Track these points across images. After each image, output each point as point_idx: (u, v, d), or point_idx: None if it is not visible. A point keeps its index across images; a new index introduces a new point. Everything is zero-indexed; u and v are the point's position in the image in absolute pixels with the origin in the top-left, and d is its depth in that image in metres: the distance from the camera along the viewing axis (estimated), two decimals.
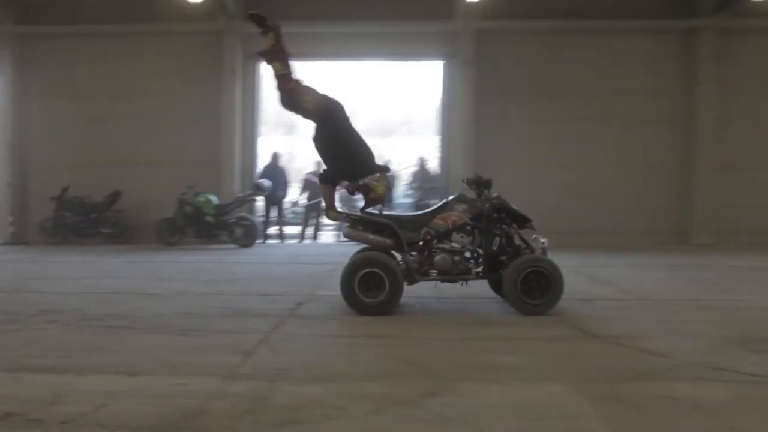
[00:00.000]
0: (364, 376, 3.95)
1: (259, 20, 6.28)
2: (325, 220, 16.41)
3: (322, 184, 6.81)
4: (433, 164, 15.58)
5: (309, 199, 15.68)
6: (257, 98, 15.49)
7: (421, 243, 6.37)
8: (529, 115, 14.43)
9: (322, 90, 6.36)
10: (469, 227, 6.39)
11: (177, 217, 13.43)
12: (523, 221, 6.51)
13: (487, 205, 6.42)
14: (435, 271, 6.39)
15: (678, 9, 14.48)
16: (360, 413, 3.21)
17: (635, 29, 14.49)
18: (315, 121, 6.42)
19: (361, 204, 6.60)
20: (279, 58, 6.28)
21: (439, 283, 6.50)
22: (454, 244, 6.38)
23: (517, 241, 6.47)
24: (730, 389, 3.68)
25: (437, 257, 6.32)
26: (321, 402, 3.38)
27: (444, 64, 15.29)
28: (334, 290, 7.21)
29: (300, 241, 15.44)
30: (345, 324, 5.72)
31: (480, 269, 6.45)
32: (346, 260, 10.32)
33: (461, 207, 6.46)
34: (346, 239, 6.82)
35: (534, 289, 6.02)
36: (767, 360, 4.46)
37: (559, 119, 14.39)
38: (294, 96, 6.31)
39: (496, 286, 6.69)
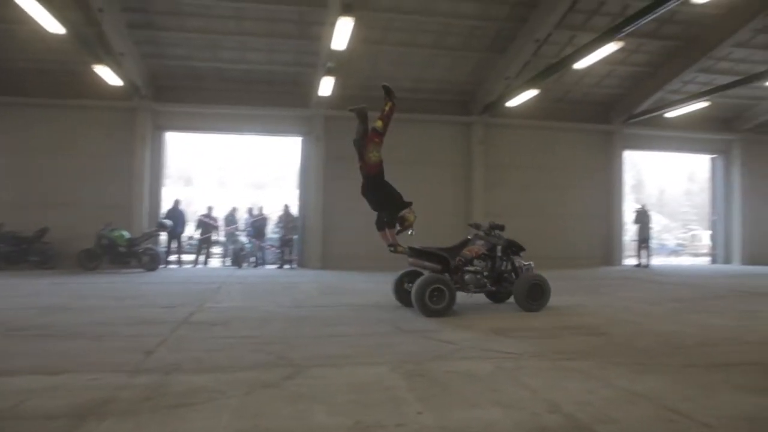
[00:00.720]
0: (240, 366, 3.88)
1: (388, 92, 6.66)
2: (214, 249, 17.14)
3: (381, 231, 6.91)
4: (294, 209, 15.85)
5: (201, 234, 16.02)
6: (162, 158, 15.54)
7: (454, 267, 6.86)
8: None
9: (380, 154, 6.63)
10: (484, 255, 7.08)
11: (95, 248, 13.10)
12: (518, 250, 7.24)
13: (501, 241, 7.13)
14: (471, 285, 6.90)
15: (460, 109, 16.21)
16: (236, 395, 3.19)
17: (435, 120, 15.93)
18: (365, 171, 6.67)
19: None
20: (384, 120, 6.58)
21: (473, 294, 7.05)
22: (476, 268, 7.00)
23: (517, 264, 7.19)
24: (494, 363, 4.00)
25: (466, 276, 6.90)
26: (206, 388, 3.32)
27: (302, 139, 15.88)
28: (220, 303, 7.53)
29: (194, 266, 15.45)
30: (227, 328, 5.55)
31: (489, 283, 7.08)
32: (229, 281, 10.81)
33: (480, 242, 7.15)
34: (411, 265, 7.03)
35: (533, 294, 6.79)
36: (517, 342, 4.83)
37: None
38: (370, 146, 6.56)
39: (490, 295, 7.43)
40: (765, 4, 12.51)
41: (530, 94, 13.95)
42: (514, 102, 14.58)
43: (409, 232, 6.79)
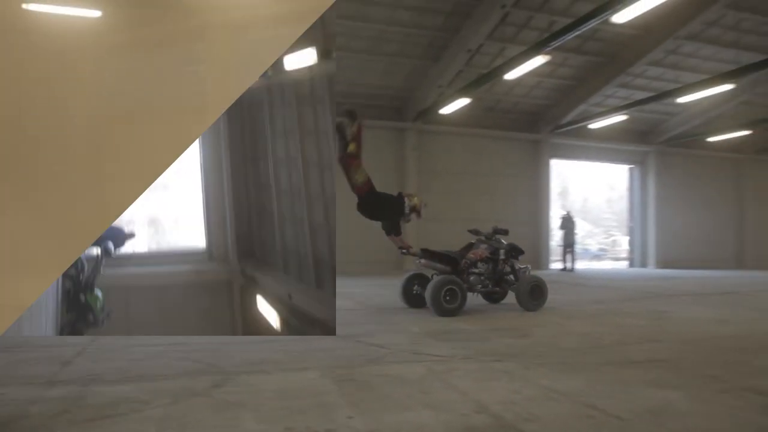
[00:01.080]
0: (166, 375, 3.77)
1: (351, 114, 6.70)
2: None
3: (389, 236, 7.14)
4: None
5: None
6: None
7: (461, 269, 7.19)
8: None
9: (366, 171, 6.76)
10: (487, 258, 7.40)
11: None
12: (518, 254, 7.65)
13: (504, 245, 7.51)
14: (477, 285, 7.28)
15: (393, 115, 16.46)
16: (161, 405, 3.08)
17: (368, 125, 15.18)
18: (356, 192, 6.81)
19: None
20: (356, 141, 6.63)
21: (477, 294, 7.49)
22: (480, 270, 7.36)
23: (517, 266, 7.58)
24: (425, 366, 4.05)
25: (471, 278, 7.24)
26: (128, 398, 3.18)
27: None
28: None
29: None
30: (153, 335, 5.34)
31: (491, 284, 7.45)
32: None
33: (483, 246, 7.48)
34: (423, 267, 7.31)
35: (534, 295, 7.27)
36: (447, 345, 4.92)
37: None
38: (352, 170, 6.68)
39: (487, 295, 7.86)
40: (674, 28, 13.60)
41: (462, 102, 14.38)
42: (447, 110, 14.97)
43: (424, 205, 7.17)
